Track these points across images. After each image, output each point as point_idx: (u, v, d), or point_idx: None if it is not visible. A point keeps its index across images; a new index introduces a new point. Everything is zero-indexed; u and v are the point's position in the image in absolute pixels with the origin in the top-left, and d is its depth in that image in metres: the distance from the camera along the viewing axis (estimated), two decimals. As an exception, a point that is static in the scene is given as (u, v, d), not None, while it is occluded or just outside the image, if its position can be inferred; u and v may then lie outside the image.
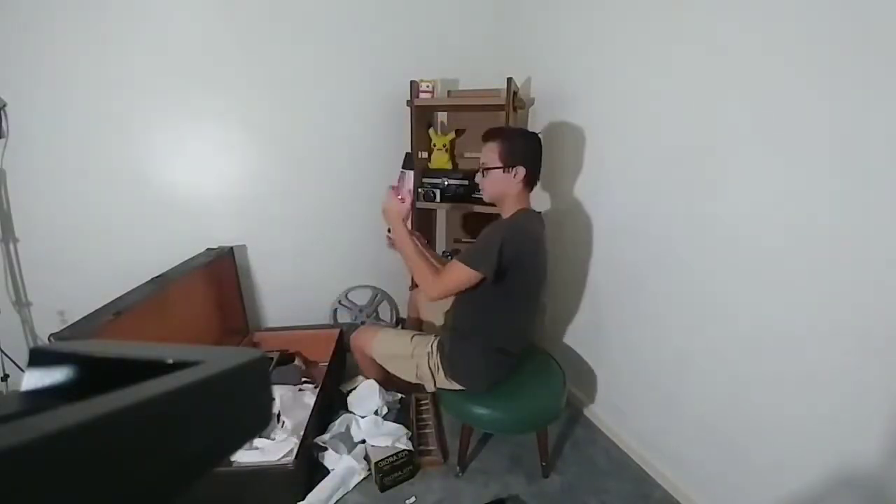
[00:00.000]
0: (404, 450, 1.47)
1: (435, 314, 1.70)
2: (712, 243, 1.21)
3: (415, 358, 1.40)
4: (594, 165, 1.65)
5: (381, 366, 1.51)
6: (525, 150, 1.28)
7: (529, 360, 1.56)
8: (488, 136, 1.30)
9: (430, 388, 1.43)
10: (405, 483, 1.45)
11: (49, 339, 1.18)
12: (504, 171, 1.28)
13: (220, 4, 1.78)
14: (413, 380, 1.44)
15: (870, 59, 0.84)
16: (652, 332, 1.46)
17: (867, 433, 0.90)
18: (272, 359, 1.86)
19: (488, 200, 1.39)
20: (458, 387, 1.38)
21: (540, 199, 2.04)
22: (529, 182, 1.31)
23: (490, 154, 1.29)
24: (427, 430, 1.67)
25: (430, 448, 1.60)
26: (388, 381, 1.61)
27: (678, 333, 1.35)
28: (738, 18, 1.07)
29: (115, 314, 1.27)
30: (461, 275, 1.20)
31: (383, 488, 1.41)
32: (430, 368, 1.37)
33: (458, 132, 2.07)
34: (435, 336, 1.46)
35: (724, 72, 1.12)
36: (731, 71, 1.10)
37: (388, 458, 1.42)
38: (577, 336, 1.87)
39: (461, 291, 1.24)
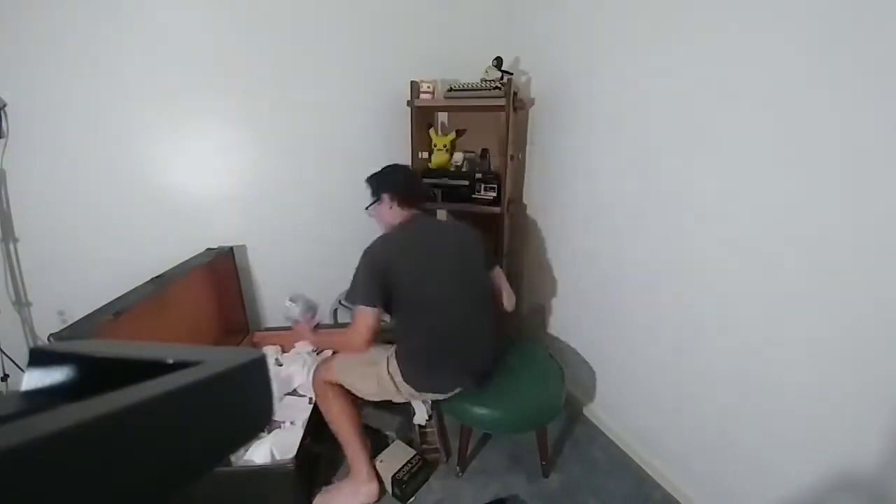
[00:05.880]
0: (416, 454, 1.48)
1: None
2: (713, 243, 1.21)
3: (375, 365, 1.35)
4: (592, 166, 1.65)
5: (343, 400, 1.38)
6: (386, 178, 1.45)
7: (528, 358, 1.56)
8: (366, 183, 1.50)
9: (394, 396, 1.37)
10: (424, 487, 1.45)
11: (49, 338, 1.18)
12: (378, 203, 1.45)
13: (220, 5, 1.78)
14: (373, 390, 1.36)
15: (873, 62, 0.84)
16: (652, 333, 1.46)
17: (867, 434, 0.90)
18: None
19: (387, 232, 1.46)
20: (417, 392, 1.35)
21: (539, 200, 2.04)
22: (402, 200, 1.42)
23: (369, 198, 1.48)
24: (429, 429, 1.67)
25: (433, 446, 1.60)
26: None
27: (678, 334, 1.35)
28: (738, 19, 1.07)
29: (115, 314, 1.27)
30: (364, 317, 1.27)
31: (405, 498, 1.40)
32: (389, 373, 1.33)
33: (459, 132, 2.07)
34: (392, 344, 1.41)
35: (724, 71, 1.12)
36: (734, 70, 1.10)
37: (402, 467, 1.42)
38: (577, 336, 1.87)
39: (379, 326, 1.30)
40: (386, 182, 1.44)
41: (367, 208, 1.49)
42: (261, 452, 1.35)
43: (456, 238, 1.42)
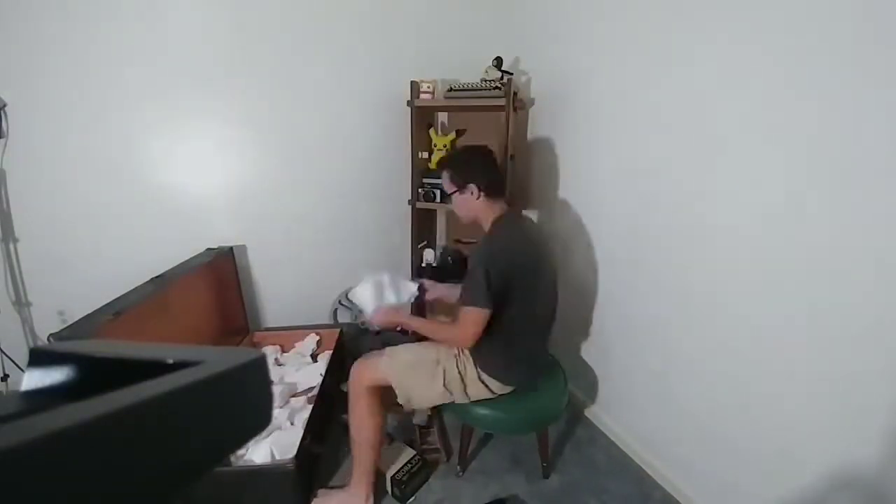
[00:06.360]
0: (415, 455, 1.47)
1: None
2: (712, 243, 1.21)
3: (441, 363, 1.32)
4: (592, 166, 1.65)
5: (376, 411, 1.32)
6: (471, 167, 1.34)
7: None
8: (439, 166, 1.40)
9: (458, 396, 1.32)
10: (424, 487, 1.45)
11: (48, 338, 1.18)
12: (461, 193, 1.33)
13: (221, 5, 1.78)
14: (438, 391, 1.30)
15: (868, 59, 0.84)
16: (652, 333, 1.46)
17: (867, 433, 0.90)
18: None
19: (467, 223, 1.41)
20: (487, 388, 1.31)
21: (539, 200, 2.04)
22: (489, 193, 1.33)
23: (445, 182, 1.37)
24: (429, 429, 1.67)
25: (433, 447, 1.60)
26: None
27: (678, 334, 1.35)
28: (739, 17, 1.07)
29: (115, 314, 1.27)
30: (476, 318, 1.22)
31: (405, 498, 1.40)
32: (458, 370, 1.31)
33: (459, 132, 2.07)
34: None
35: (723, 70, 1.12)
36: (730, 68, 1.10)
37: (402, 468, 1.41)
38: (578, 336, 1.87)
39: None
40: (472, 170, 1.33)
41: (449, 195, 1.37)
42: (260, 452, 1.35)
43: (547, 245, 1.45)
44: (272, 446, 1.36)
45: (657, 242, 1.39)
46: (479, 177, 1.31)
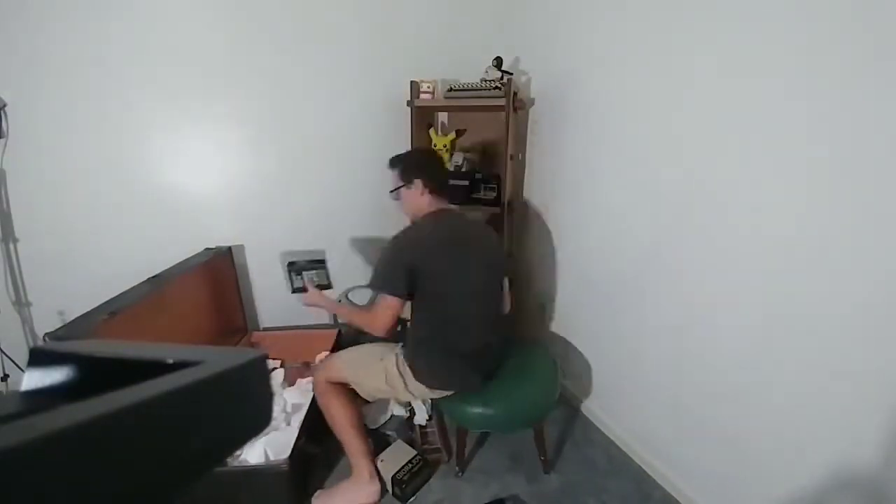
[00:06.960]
0: (416, 454, 1.47)
1: None
2: (712, 243, 1.21)
3: (384, 360, 1.37)
4: (592, 165, 1.65)
5: (344, 399, 1.38)
6: (417, 164, 1.40)
7: (519, 354, 1.55)
8: (390, 164, 1.43)
9: (400, 394, 1.37)
10: (424, 487, 1.45)
11: (44, 337, 1.18)
12: (407, 188, 1.38)
13: (220, 6, 1.78)
14: (381, 386, 1.36)
15: (868, 57, 0.84)
16: (653, 332, 1.46)
17: (867, 433, 0.90)
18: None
19: (411, 220, 1.44)
20: (425, 388, 1.33)
21: (539, 200, 2.04)
22: (434, 190, 1.37)
23: (394, 178, 1.41)
24: (429, 429, 1.67)
25: (433, 446, 1.60)
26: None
27: (678, 333, 1.35)
28: (739, 17, 1.07)
29: (110, 314, 1.26)
30: (390, 304, 1.26)
31: (405, 498, 1.39)
32: (398, 370, 1.34)
33: (459, 132, 2.07)
34: (398, 342, 1.43)
35: (723, 70, 1.12)
36: (730, 68, 1.10)
37: (403, 468, 1.41)
38: (578, 335, 1.87)
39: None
40: (419, 168, 1.38)
41: (392, 192, 1.41)
42: (255, 452, 1.34)
43: (486, 241, 1.42)
44: (267, 447, 1.36)
45: (657, 241, 1.39)
46: (426, 174, 1.36)
